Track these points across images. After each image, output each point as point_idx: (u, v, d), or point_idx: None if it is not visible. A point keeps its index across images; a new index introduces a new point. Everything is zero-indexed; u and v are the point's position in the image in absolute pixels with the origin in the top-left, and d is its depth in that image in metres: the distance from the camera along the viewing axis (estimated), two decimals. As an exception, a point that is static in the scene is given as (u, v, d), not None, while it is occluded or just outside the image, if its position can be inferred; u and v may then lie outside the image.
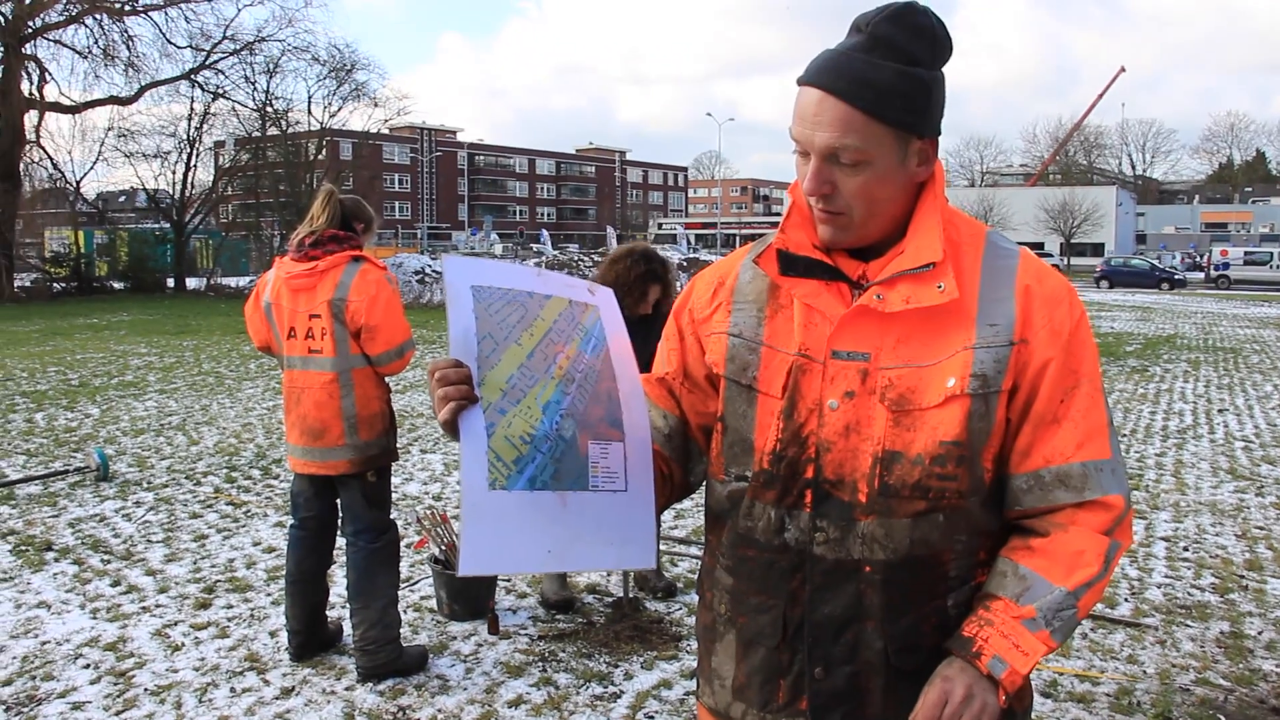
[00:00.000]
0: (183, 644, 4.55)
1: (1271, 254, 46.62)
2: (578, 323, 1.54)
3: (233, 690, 4.11)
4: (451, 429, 1.41)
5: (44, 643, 4.55)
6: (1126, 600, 5.16)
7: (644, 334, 4.59)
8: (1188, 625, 4.85)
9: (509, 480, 1.40)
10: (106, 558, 5.74)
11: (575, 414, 1.48)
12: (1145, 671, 4.34)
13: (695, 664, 4.31)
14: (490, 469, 1.39)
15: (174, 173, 35.33)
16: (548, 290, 1.54)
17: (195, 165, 35.85)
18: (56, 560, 5.70)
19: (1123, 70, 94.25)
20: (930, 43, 1.45)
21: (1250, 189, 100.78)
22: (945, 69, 1.50)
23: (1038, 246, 64.20)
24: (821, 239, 1.53)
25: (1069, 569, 1.45)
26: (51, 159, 33.51)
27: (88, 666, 4.32)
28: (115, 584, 5.31)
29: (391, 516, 4.29)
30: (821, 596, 1.51)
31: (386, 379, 4.17)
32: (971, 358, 1.45)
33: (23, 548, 5.91)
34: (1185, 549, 6.05)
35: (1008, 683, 1.41)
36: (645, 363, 1.67)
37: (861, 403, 1.48)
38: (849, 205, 1.47)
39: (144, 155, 34.89)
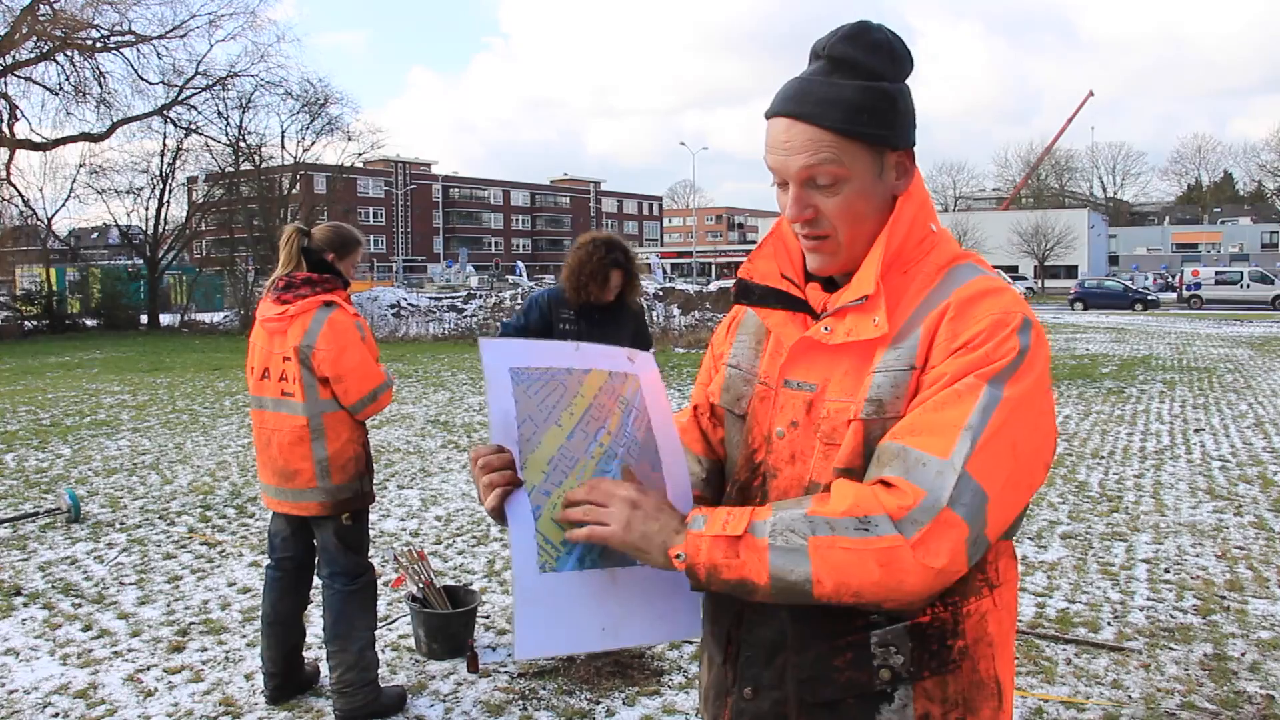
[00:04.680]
0: (155, 689, 4.46)
1: (1242, 273, 47.14)
2: (618, 395, 1.54)
3: (206, 736, 4.02)
4: (499, 515, 1.43)
5: (11, 691, 4.45)
6: (1109, 624, 5.14)
7: (612, 322, 4.68)
8: (1171, 648, 4.83)
9: (559, 561, 1.42)
10: (77, 601, 5.63)
11: None
12: (1130, 697, 4.31)
13: (676, 699, 4.26)
14: (540, 552, 1.41)
15: (147, 209, 35.35)
16: (586, 365, 1.53)
17: (168, 201, 35.85)
18: (26, 605, 5.59)
19: (1091, 94, 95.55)
20: (888, 56, 1.46)
21: (1219, 209, 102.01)
22: (910, 84, 1.50)
23: (1012, 270, 64.82)
24: (812, 268, 1.54)
25: (817, 502, 1.35)
26: (22, 196, 33.44)
27: (57, 715, 4.21)
28: (86, 628, 5.20)
29: (369, 557, 4.23)
30: (756, 619, 1.52)
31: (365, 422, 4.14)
32: (870, 382, 1.43)
33: (-9, 593, 5.80)
34: (1167, 571, 6.05)
35: (689, 545, 1.35)
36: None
37: (804, 433, 1.50)
38: (833, 226, 1.47)
39: (116, 191, 34.92)
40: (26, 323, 31.43)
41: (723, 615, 1.58)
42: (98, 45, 32.61)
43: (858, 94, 1.42)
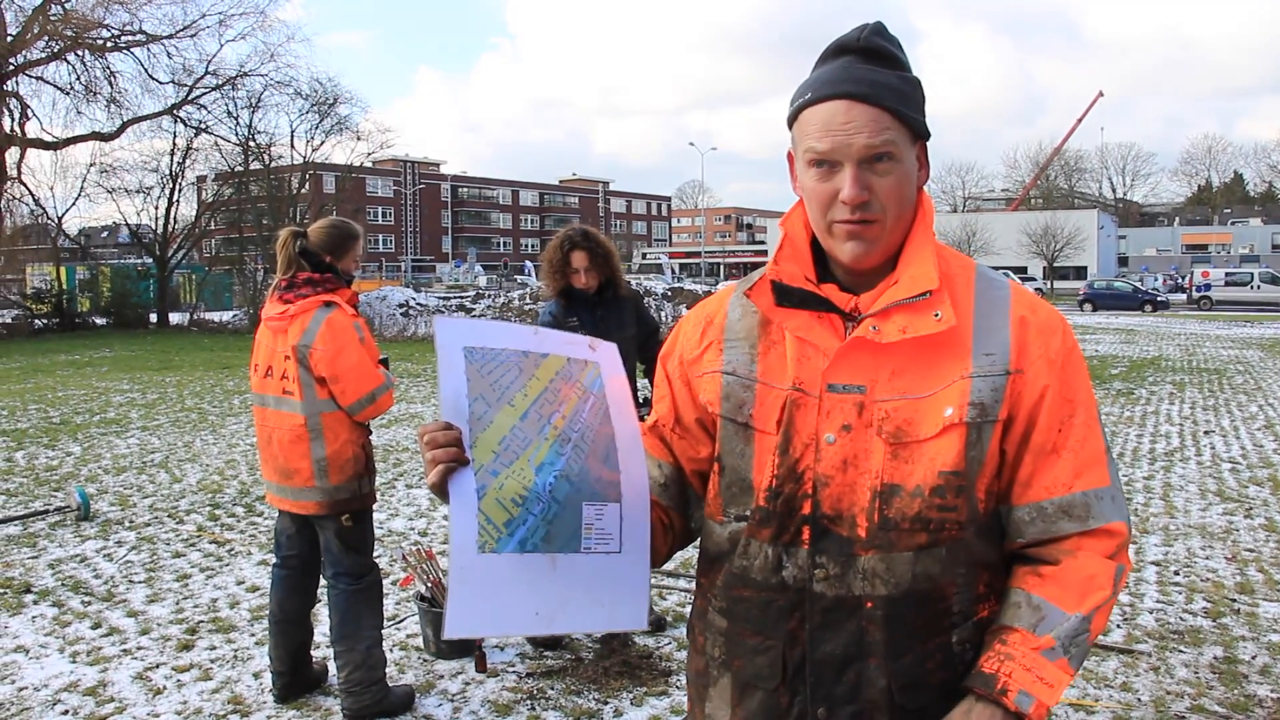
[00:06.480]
0: (164, 687, 4.47)
1: (1252, 274, 46.93)
2: (575, 381, 1.52)
3: (215, 735, 4.03)
4: (441, 492, 1.39)
5: (21, 689, 4.46)
6: (1119, 626, 5.12)
7: (612, 312, 4.74)
8: (1181, 651, 4.82)
9: (499, 543, 1.39)
10: (87, 599, 5.65)
11: (570, 475, 1.45)
12: (1140, 699, 4.30)
13: (685, 699, 4.24)
14: (480, 531, 1.38)
15: (157, 208, 35.29)
16: (544, 349, 1.52)
17: (178, 200, 35.81)
18: (36, 603, 5.61)
19: (1101, 95, 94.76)
20: (904, 54, 1.53)
21: (1229, 210, 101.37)
22: None
23: (1021, 270, 64.60)
24: (848, 257, 1.49)
25: (1081, 594, 1.44)
26: (33, 195, 33.51)
27: (66, 713, 4.23)
28: (96, 626, 5.22)
29: (374, 555, 4.23)
30: (822, 635, 1.48)
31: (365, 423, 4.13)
32: (969, 386, 1.45)
33: (1, 590, 5.82)
34: (1176, 573, 6.03)
35: (1035, 717, 1.39)
36: (622, 345, 1.69)
37: (859, 436, 1.47)
38: (883, 208, 1.47)
39: (126, 191, 34.87)
40: (36, 321, 31.49)
41: (771, 639, 1.52)
42: (108, 45, 32.70)
43: (899, 81, 1.48)
